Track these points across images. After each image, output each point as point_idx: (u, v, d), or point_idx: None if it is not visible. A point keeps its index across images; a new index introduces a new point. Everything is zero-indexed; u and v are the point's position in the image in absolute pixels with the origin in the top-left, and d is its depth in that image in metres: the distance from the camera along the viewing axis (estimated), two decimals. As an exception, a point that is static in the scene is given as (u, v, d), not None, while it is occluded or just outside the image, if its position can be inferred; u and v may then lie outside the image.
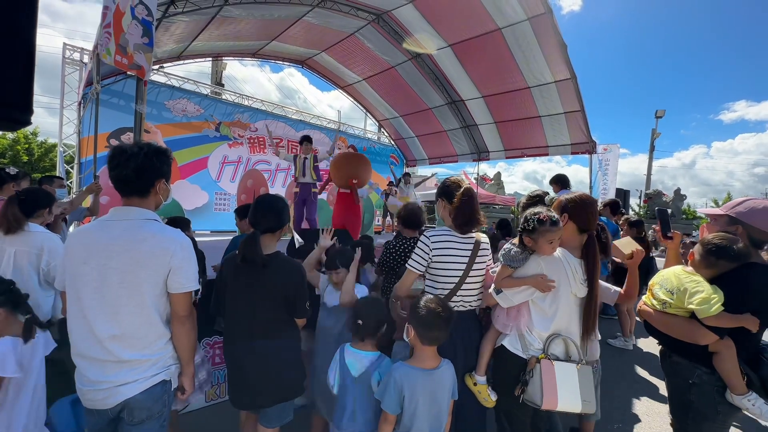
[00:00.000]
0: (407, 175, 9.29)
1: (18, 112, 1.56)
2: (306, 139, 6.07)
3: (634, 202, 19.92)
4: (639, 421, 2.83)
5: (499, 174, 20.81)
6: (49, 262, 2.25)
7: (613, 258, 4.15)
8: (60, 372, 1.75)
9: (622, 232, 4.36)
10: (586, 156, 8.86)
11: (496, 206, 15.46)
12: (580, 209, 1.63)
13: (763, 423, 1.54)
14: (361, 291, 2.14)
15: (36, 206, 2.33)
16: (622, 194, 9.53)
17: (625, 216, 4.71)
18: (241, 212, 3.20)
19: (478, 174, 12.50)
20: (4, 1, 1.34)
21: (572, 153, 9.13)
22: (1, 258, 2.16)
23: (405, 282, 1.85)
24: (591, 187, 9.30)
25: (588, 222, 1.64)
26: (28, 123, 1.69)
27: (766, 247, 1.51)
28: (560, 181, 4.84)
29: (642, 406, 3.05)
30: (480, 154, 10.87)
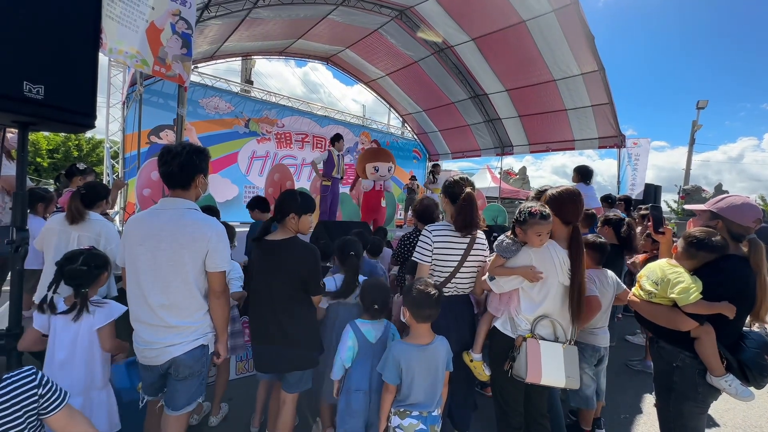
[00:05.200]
0: (437, 165, 9.38)
1: (85, 117, 1.90)
2: (339, 138, 6.29)
3: (670, 197, 18.93)
4: (647, 412, 2.88)
5: (524, 168, 20.48)
6: (105, 246, 2.61)
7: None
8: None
9: (639, 229, 4.32)
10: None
11: (520, 201, 15.24)
12: (560, 204, 1.75)
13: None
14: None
15: (96, 198, 2.71)
16: (653, 189, 9.14)
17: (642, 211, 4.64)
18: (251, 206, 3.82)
19: (501, 168, 12.34)
20: (77, 37, 1.66)
21: (600, 147, 8.90)
22: (68, 241, 2.54)
23: (421, 275, 1.98)
24: (619, 182, 9.03)
25: (570, 215, 1.75)
26: (93, 126, 2.03)
27: (744, 240, 1.58)
28: (581, 173, 4.75)
29: (652, 399, 3.09)
30: (504, 148, 10.77)
